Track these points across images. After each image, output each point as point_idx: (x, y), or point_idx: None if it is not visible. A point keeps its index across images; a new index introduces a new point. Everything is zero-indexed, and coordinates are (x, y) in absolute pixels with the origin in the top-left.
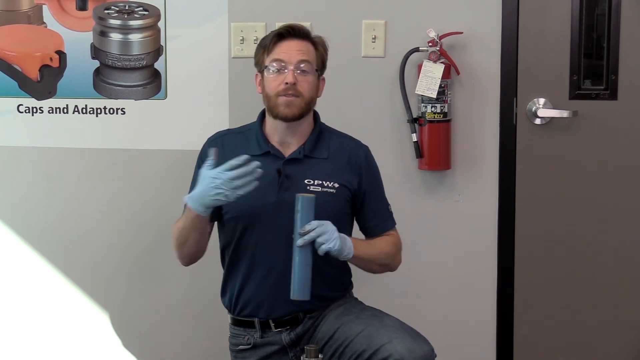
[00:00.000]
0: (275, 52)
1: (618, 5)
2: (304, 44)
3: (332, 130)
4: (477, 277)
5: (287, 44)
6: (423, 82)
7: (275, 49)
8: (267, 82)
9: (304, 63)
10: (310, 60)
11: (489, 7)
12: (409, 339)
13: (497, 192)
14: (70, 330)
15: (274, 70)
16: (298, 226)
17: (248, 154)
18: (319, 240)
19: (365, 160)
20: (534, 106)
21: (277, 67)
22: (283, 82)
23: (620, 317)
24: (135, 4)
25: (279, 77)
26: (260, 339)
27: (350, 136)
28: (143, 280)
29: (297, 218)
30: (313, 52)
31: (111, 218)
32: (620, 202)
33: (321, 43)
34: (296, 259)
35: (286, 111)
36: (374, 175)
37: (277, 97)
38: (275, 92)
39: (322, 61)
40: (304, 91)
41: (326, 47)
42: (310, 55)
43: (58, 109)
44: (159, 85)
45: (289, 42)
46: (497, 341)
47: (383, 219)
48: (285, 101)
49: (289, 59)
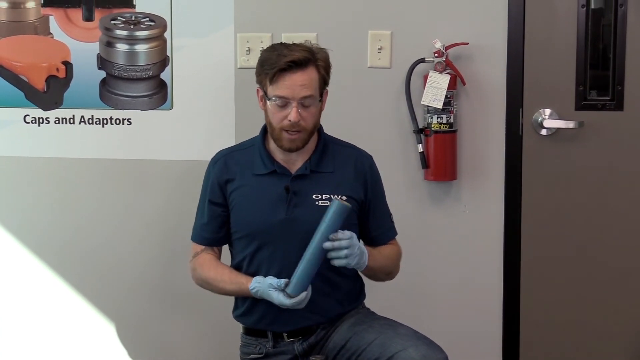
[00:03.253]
0: (279, 86)
1: (624, 16)
2: (307, 75)
3: (336, 141)
4: (483, 288)
5: (290, 78)
6: (429, 93)
7: (279, 83)
8: (270, 111)
9: (307, 99)
10: (314, 93)
11: (495, 18)
12: (423, 346)
13: (503, 203)
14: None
15: (277, 104)
16: (325, 229)
17: (254, 173)
18: (343, 252)
19: (370, 170)
20: (540, 117)
21: (281, 103)
22: (287, 119)
23: (626, 321)
24: (142, 15)
25: (282, 111)
26: (273, 348)
27: (354, 145)
28: (151, 289)
29: (326, 220)
30: (316, 80)
31: (117, 228)
32: (626, 212)
33: (323, 62)
34: (308, 256)
35: (289, 145)
36: (378, 184)
37: (281, 132)
38: (279, 126)
39: (325, 81)
40: (307, 125)
41: (328, 63)
42: (313, 86)
43: (64, 119)
44: (165, 95)
45: (292, 75)
46: (504, 350)
47: (386, 229)
48: (289, 138)
49: (292, 95)
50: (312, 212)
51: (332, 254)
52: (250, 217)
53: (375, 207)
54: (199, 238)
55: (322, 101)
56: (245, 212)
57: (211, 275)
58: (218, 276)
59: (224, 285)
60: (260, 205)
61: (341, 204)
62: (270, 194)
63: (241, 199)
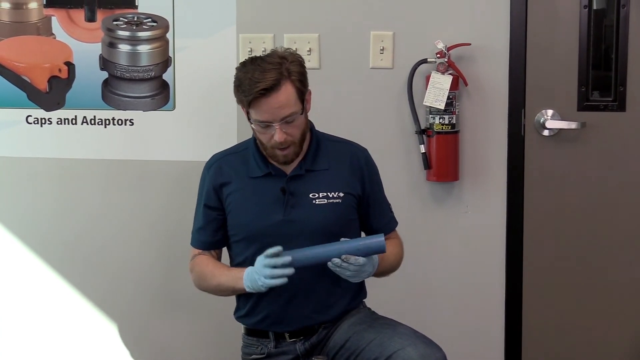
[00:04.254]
0: (257, 112)
1: (626, 16)
2: (282, 94)
3: (329, 137)
4: (485, 288)
5: (266, 103)
6: (431, 94)
7: (256, 109)
8: (256, 131)
9: (288, 117)
10: (295, 109)
11: (497, 19)
12: (422, 345)
13: (505, 204)
14: (82, 339)
15: (260, 126)
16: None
17: (250, 176)
18: (347, 273)
19: (366, 163)
20: (542, 117)
21: (263, 126)
22: (273, 139)
23: (629, 323)
24: (144, 16)
25: (267, 131)
26: (275, 349)
27: (347, 140)
28: (153, 290)
29: (358, 244)
30: (293, 94)
31: (120, 228)
32: (629, 212)
33: (295, 70)
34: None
35: (284, 159)
36: (375, 177)
37: (273, 149)
38: (269, 144)
39: (302, 89)
40: (295, 138)
41: (302, 68)
42: (291, 103)
43: (67, 120)
44: (167, 96)
45: (268, 100)
46: (506, 350)
47: (387, 220)
48: (281, 154)
49: (273, 118)
50: (310, 211)
51: (336, 269)
52: (248, 219)
53: (375, 200)
54: (197, 242)
55: (305, 106)
56: (243, 215)
57: (208, 269)
58: (216, 270)
59: (219, 277)
60: (257, 208)
61: (384, 246)
62: (266, 196)
63: (238, 202)
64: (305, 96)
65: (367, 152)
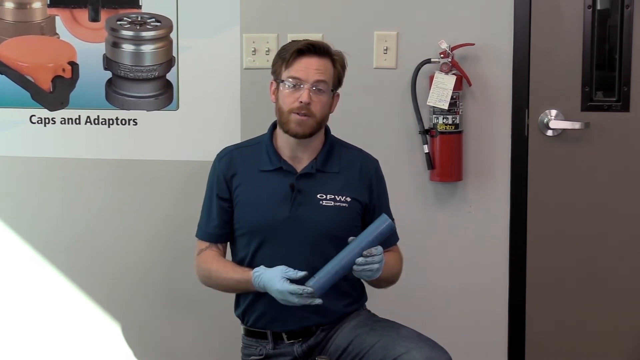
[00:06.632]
0: (294, 68)
1: (630, 16)
2: (323, 62)
3: (343, 143)
4: (488, 289)
5: (306, 61)
6: (435, 94)
7: (294, 65)
8: (281, 96)
9: (320, 83)
10: (327, 80)
11: (501, 19)
12: (427, 348)
13: (509, 204)
14: (85, 338)
15: (289, 86)
16: (367, 244)
17: (260, 169)
18: (375, 266)
19: (376, 175)
20: (546, 118)
21: (294, 84)
22: (298, 100)
23: (635, 327)
24: (148, 15)
25: (294, 93)
26: (273, 350)
27: (360, 149)
28: (157, 290)
29: (370, 236)
30: (331, 71)
31: (123, 228)
32: (632, 212)
33: (340, 60)
34: (340, 259)
35: (297, 129)
36: (383, 190)
37: (290, 114)
38: (289, 108)
39: (339, 79)
40: (316, 111)
41: (344, 64)
42: (328, 74)
43: (70, 119)
44: (170, 96)
45: (309, 59)
46: (509, 351)
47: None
48: (298, 120)
49: (307, 77)
50: (316, 211)
51: (359, 268)
52: (253, 213)
53: (380, 212)
54: (204, 234)
55: (333, 97)
56: (249, 209)
57: (214, 267)
58: (220, 267)
59: (226, 275)
60: (264, 202)
61: (391, 223)
62: (275, 191)
63: (245, 195)
64: (337, 90)
65: (378, 164)
